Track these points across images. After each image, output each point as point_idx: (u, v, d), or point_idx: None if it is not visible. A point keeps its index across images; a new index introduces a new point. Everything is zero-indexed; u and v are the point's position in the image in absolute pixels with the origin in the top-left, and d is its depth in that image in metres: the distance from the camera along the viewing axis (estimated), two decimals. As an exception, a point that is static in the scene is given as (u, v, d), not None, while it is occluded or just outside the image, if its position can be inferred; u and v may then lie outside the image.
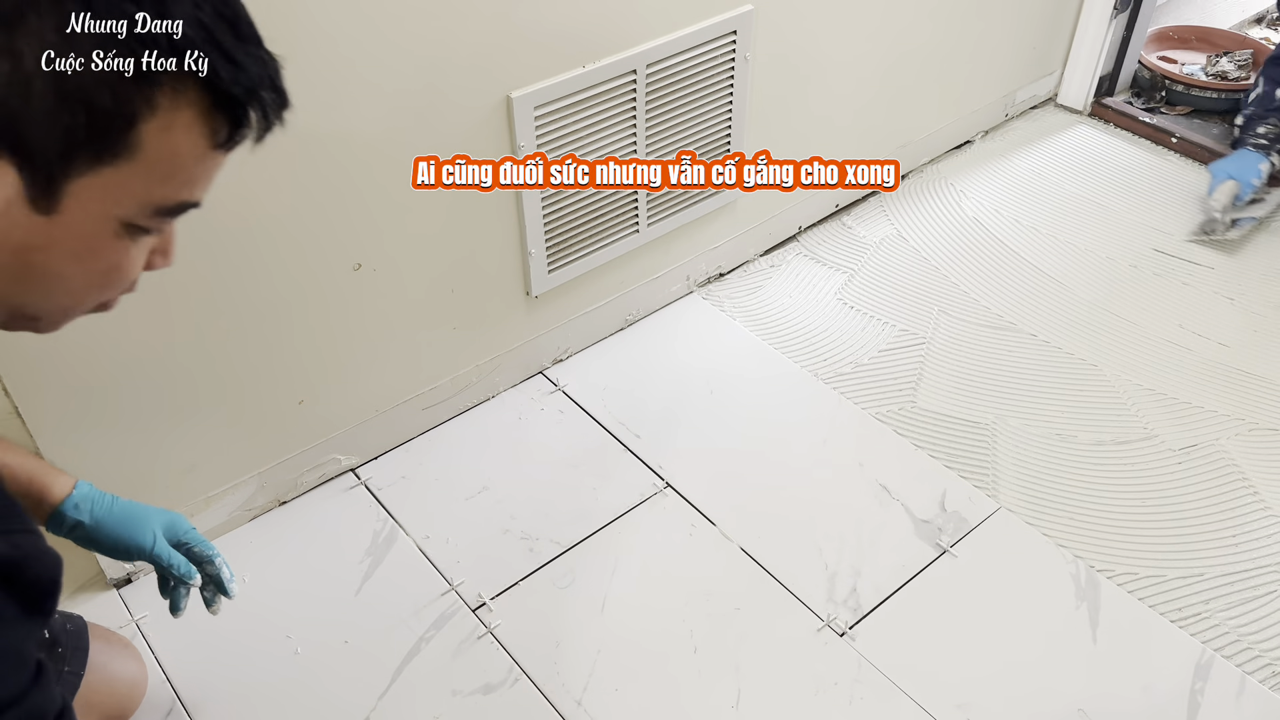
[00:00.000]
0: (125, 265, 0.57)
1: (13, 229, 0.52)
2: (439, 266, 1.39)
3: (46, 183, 0.51)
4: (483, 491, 1.44)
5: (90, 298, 0.59)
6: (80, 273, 0.56)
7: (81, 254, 0.54)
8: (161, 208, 0.55)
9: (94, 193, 0.52)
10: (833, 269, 1.84)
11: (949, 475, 1.47)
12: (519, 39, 1.27)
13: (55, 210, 0.52)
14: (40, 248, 0.53)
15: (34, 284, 0.55)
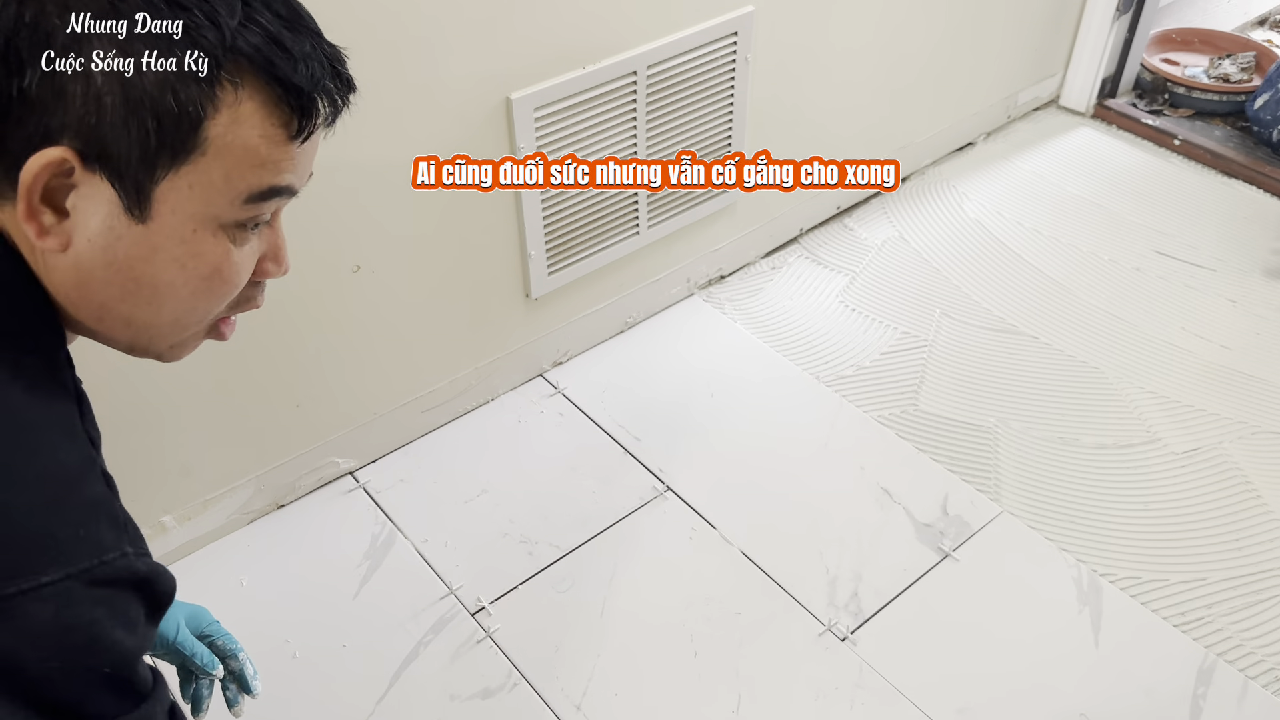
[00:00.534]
0: (227, 269, 0.59)
1: (117, 242, 0.55)
2: (438, 268, 1.38)
3: (136, 191, 0.54)
4: (482, 495, 1.44)
5: (199, 307, 0.60)
6: (184, 280, 0.58)
7: (183, 258, 0.57)
8: (250, 195, 0.57)
9: (181, 194, 0.55)
10: (834, 271, 1.84)
11: (951, 479, 1.46)
12: (519, 40, 1.26)
13: (150, 216, 0.55)
14: (144, 257, 0.56)
15: (144, 297, 0.58)
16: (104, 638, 0.52)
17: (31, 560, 0.49)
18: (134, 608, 0.54)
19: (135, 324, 0.60)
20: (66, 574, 0.50)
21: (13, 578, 0.49)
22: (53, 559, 0.50)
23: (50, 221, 0.54)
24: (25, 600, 0.49)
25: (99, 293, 0.58)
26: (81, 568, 0.51)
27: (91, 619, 0.51)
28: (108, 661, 0.53)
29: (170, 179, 0.55)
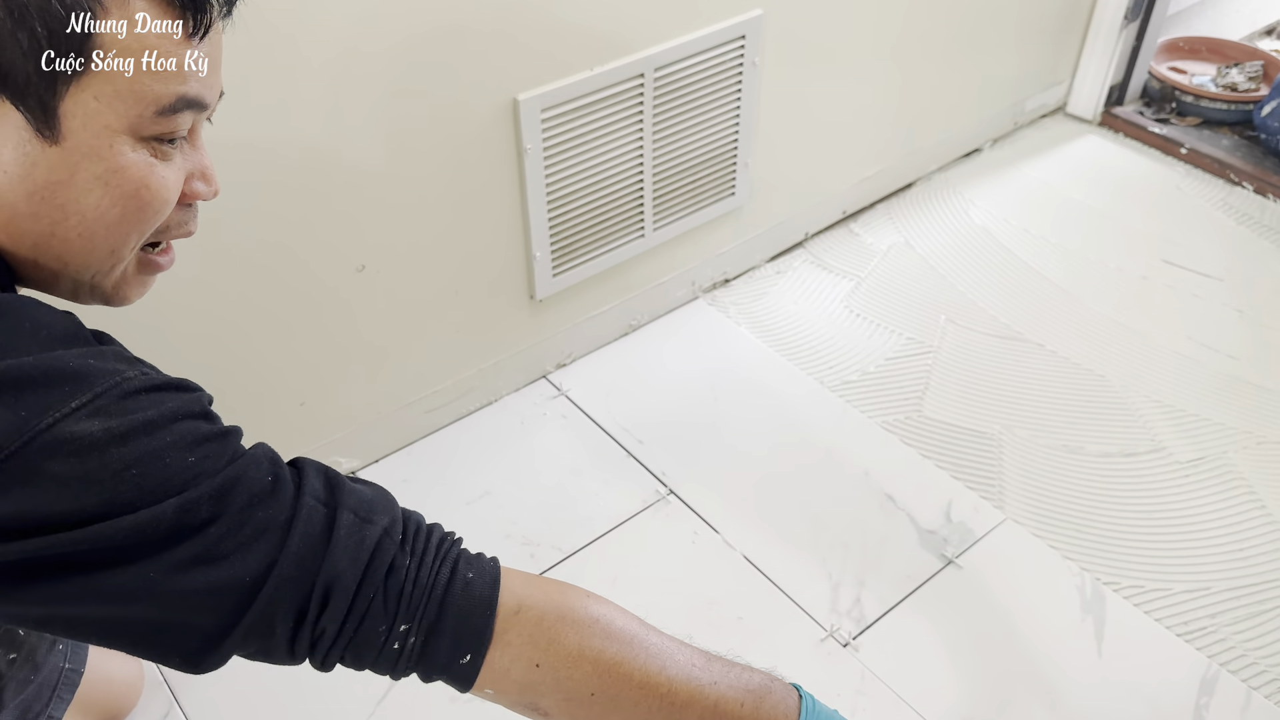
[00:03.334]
0: (154, 183, 0.57)
1: (34, 168, 0.53)
2: (443, 269, 1.38)
3: (42, 109, 0.52)
4: (484, 496, 1.43)
5: (131, 230, 0.58)
6: (110, 199, 0.56)
7: (105, 176, 0.55)
8: (160, 106, 0.55)
9: (89, 105, 0.53)
10: (840, 276, 1.83)
11: (955, 485, 1.46)
12: (526, 41, 1.26)
13: (62, 135, 0.53)
14: (64, 181, 0.54)
15: (73, 226, 0.56)
16: (160, 420, 0.53)
17: (55, 393, 0.50)
18: (177, 399, 0.55)
19: (70, 258, 0.58)
20: (94, 394, 0.51)
21: (45, 411, 0.49)
22: (74, 388, 0.50)
23: None
24: (67, 424, 0.49)
25: (28, 228, 0.56)
26: (107, 386, 0.51)
27: (140, 420, 0.52)
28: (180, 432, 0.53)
29: (74, 92, 0.53)
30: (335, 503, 0.59)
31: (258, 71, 1.07)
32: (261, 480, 0.56)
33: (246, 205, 1.15)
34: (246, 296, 1.21)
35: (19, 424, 0.49)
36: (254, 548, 0.54)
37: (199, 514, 0.53)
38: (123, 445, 0.51)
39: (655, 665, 0.64)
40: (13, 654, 0.90)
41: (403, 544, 0.60)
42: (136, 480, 0.51)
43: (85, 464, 0.49)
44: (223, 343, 1.22)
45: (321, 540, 0.57)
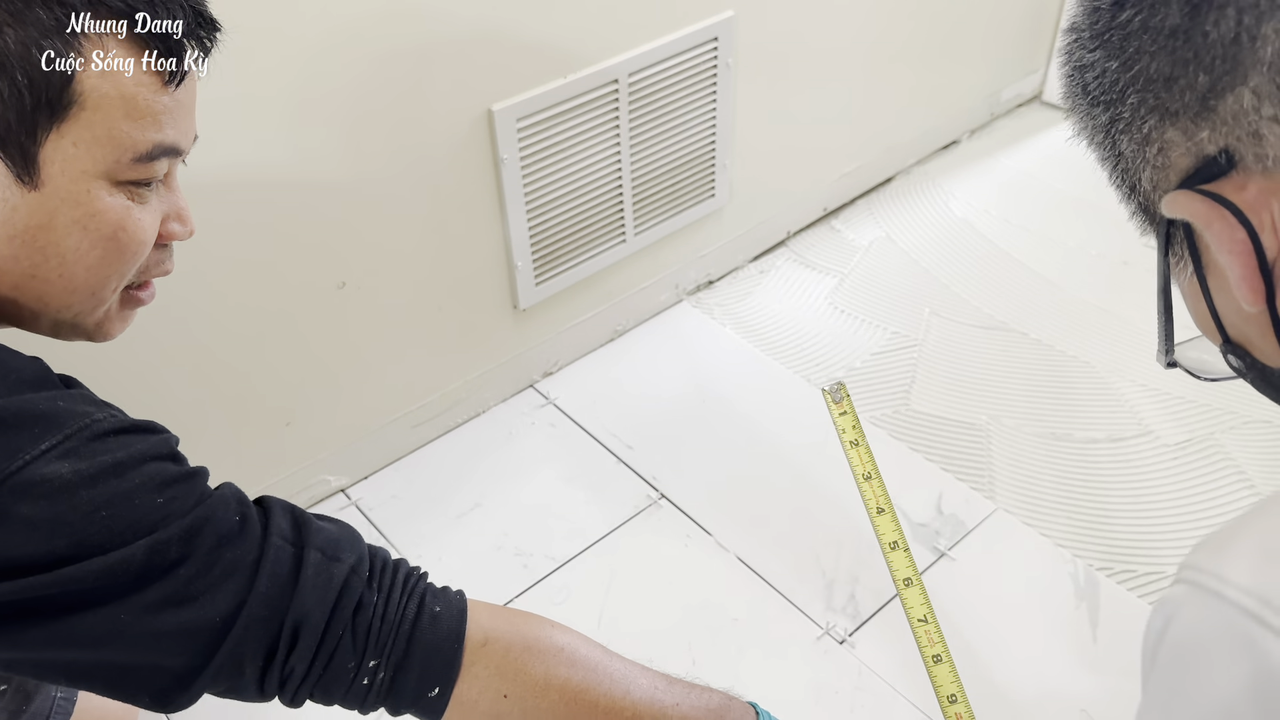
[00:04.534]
0: (130, 226, 0.58)
1: (13, 214, 0.54)
2: (424, 282, 1.38)
3: (21, 155, 0.53)
4: (475, 509, 1.43)
5: (111, 272, 0.59)
6: (89, 243, 0.57)
7: (83, 220, 0.56)
8: (138, 153, 0.56)
9: (67, 153, 0.54)
10: (823, 273, 1.84)
11: (945, 478, 1.46)
12: (499, 51, 1.26)
13: (41, 181, 0.54)
14: (43, 225, 0.55)
15: (53, 268, 0.56)
16: (129, 462, 0.53)
17: (24, 435, 0.50)
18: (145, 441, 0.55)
19: (50, 299, 0.58)
20: (64, 436, 0.51)
21: (15, 454, 0.49)
22: (44, 429, 0.51)
23: None
24: (37, 466, 0.49)
25: (7, 269, 0.56)
26: (77, 427, 0.51)
27: (110, 462, 0.52)
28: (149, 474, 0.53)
29: (54, 139, 0.53)
30: (302, 542, 0.59)
31: (227, 93, 1.07)
32: (229, 520, 0.56)
33: (225, 225, 1.14)
34: (227, 317, 1.21)
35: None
36: (223, 588, 0.55)
37: (168, 555, 0.53)
38: (92, 487, 0.51)
39: (620, 690, 0.66)
40: (3, 685, 0.89)
41: (370, 581, 0.61)
42: (106, 522, 0.51)
43: (55, 506, 0.49)
44: (206, 364, 1.22)
45: (289, 580, 0.57)
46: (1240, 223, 0.42)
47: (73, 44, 0.52)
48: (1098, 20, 0.45)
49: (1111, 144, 0.48)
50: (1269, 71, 0.39)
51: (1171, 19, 0.41)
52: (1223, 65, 0.40)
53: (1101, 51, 0.45)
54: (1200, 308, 0.49)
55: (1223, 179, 0.42)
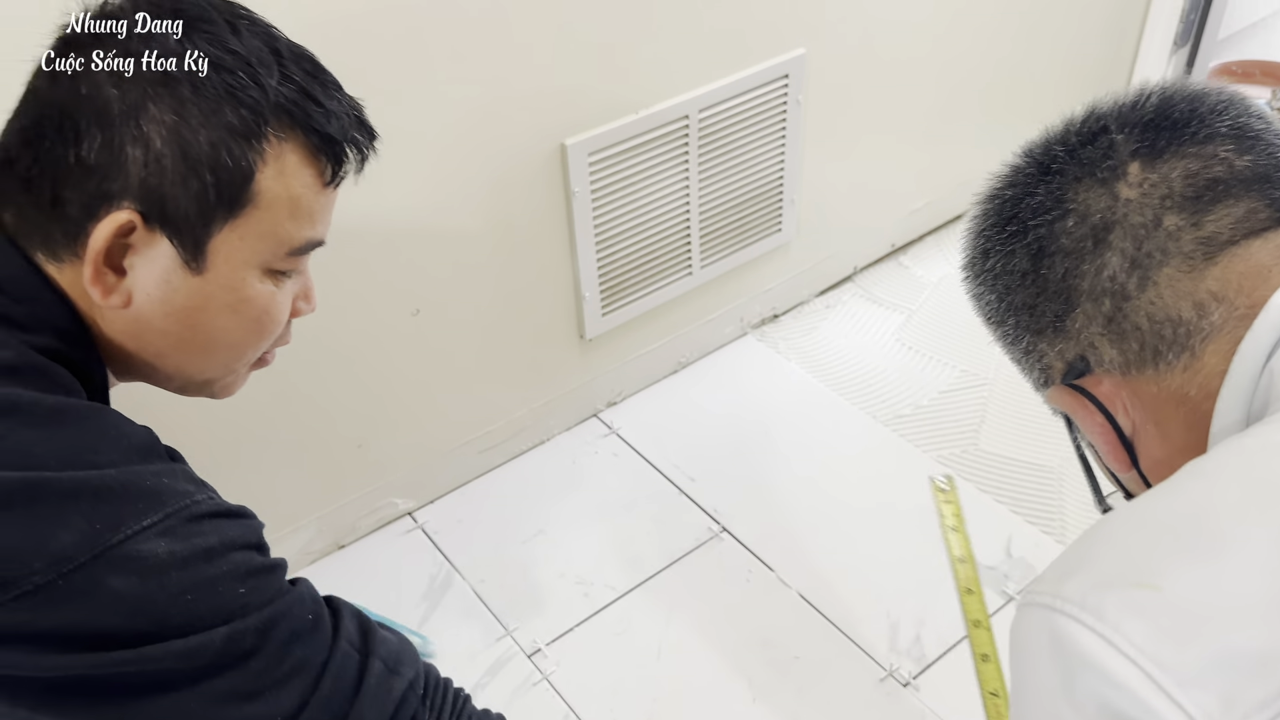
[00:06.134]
0: (274, 310, 0.63)
1: (175, 294, 0.58)
2: (495, 311, 1.40)
3: (194, 245, 0.57)
4: (538, 535, 1.44)
5: (249, 348, 0.64)
6: (237, 324, 0.61)
7: (235, 305, 0.60)
8: (293, 248, 0.61)
9: (234, 244, 0.58)
10: (890, 309, 1.82)
11: (1014, 520, 1.43)
12: (573, 88, 1.29)
13: (205, 268, 0.58)
14: (200, 306, 0.59)
15: (199, 344, 0.61)
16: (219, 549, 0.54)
17: (129, 509, 0.52)
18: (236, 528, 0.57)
19: (189, 368, 0.63)
20: (165, 514, 0.52)
21: (116, 527, 0.51)
22: (148, 505, 0.52)
23: (112, 281, 0.57)
24: (135, 542, 0.51)
25: (156, 342, 0.60)
26: (176, 508, 0.53)
27: (202, 546, 0.54)
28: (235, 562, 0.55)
29: (225, 232, 0.58)
30: (368, 650, 0.60)
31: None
32: (303, 618, 0.58)
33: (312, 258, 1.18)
34: (306, 344, 1.24)
35: (92, 537, 0.50)
36: (289, 685, 0.56)
37: (243, 645, 0.54)
38: (183, 569, 0.52)
39: None
40: None
41: (424, 698, 0.63)
42: (190, 605, 0.52)
43: (146, 584, 0.51)
44: (285, 387, 1.25)
45: (352, 687, 0.58)
46: (1099, 410, 0.54)
47: (256, 147, 0.56)
48: (974, 264, 0.60)
49: (1009, 352, 0.61)
50: (1090, 299, 0.53)
51: (1021, 265, 0.56)
52: (1060, 297, 0.54)
53: (983, 287, 0.59)
54: (1101, 469, 0.60)
55: (1086, 376, 0.55)
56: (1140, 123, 0.54)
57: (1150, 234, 0.51)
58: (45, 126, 0.56)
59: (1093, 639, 0.41)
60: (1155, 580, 0.41)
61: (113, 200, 0.55)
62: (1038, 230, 0.55)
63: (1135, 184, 0.52)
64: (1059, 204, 0.54)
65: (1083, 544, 0.46)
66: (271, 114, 0.57)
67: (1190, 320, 0.50)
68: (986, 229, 0.58)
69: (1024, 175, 0.57)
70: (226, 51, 0.56)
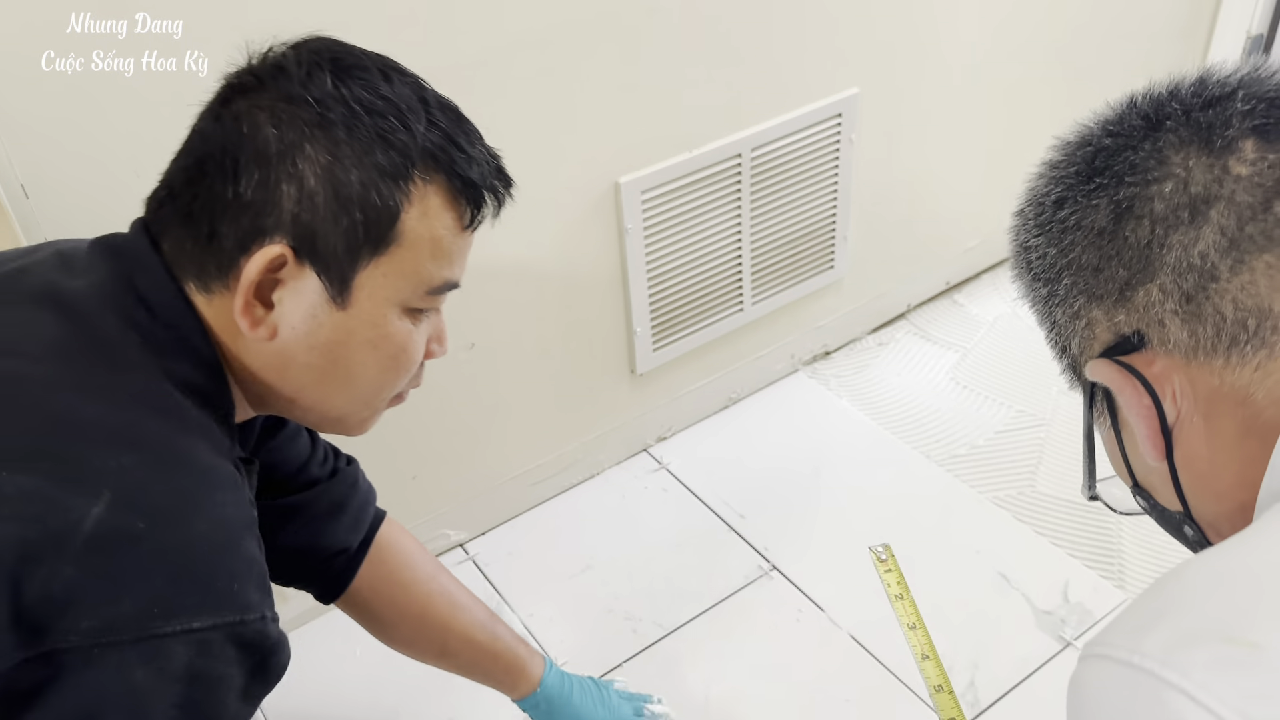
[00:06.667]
0: (411, 348, 0.65)
1: (319, 328, 0.61)
2: (548, 345, 1.42)
3: (340, 280, 0.60)
4: (587, 570, 1.44)
5: (387, 385, 0.66)
6: (375, 359, 0.63)
7: (376, 341, 0.63)
8: (432, 287, 0.64)
9: (377, 282, 0.61)
10: (944, 347, 1.80)
11: (1072, 564, 1.39)
12: (627, 127, 1.31)
13: (349, 304, 0.61)
14: (342, 341, 0.62)
15: (339, 378, 0.63)
16: (221, 697, 0.55)
17: (189, 601, 0.52)
18: (257, 681, 0.57)
19: (328, 402, 0.65)
20: (214, 624, 0.53)
21: (169, 617, 0.51)
22: (206, 605, 0.53)
23: (261, 314, 0.60)
24: (174, 641, 0.51)
25: (297, 375, 0.63)
26: (228, 620, 0.53)
27: (220, 675, 0.54)
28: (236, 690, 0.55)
29: (369, 268, 0.60)
30: None
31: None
32: None
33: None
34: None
35: (146, 617, 0.50)
36: None
37: None
38: (189, 686, 0.52)
39: None
40: None
41: None
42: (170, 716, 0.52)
43: (160, 684, 0.51)
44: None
45: None
46: (1147, 391, 0.50)
47: (403, 188, 0.59)
48: (1041, 212, 0.55)
49: (1048, 313, 0.57)
50: (1172, 273, 0.49)
51: (1100, 221, 0.51)
52: (1138, 264, 0.50)
53: (1043, 238, 0.55)
54: (1115, 455, 0.57)
55: (1136, 353, 0.51)
56: (1267, 97, 0.50)
57: (1256, 216, 0.47)
58: (207, 164, 0.59)
59: (1180, 699, 0.37)
60: (1249, 636, 0.38)
61: (266, 235, 0.58)
62: (1131, 188, 0.50)
63: (1250, 161, 0.48)
64: (1162, 164, 0.50)
65: (1158, 595, 0.43)
66: (419, 157, 0.60)
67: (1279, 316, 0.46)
68: (1068, 175, 0.54)
69: (1128, 126, 0.53)
70: (379, 97, 0.59)
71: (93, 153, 0.96)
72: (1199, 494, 0.52)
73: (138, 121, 0.96)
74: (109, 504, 0.51)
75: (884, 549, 1.42)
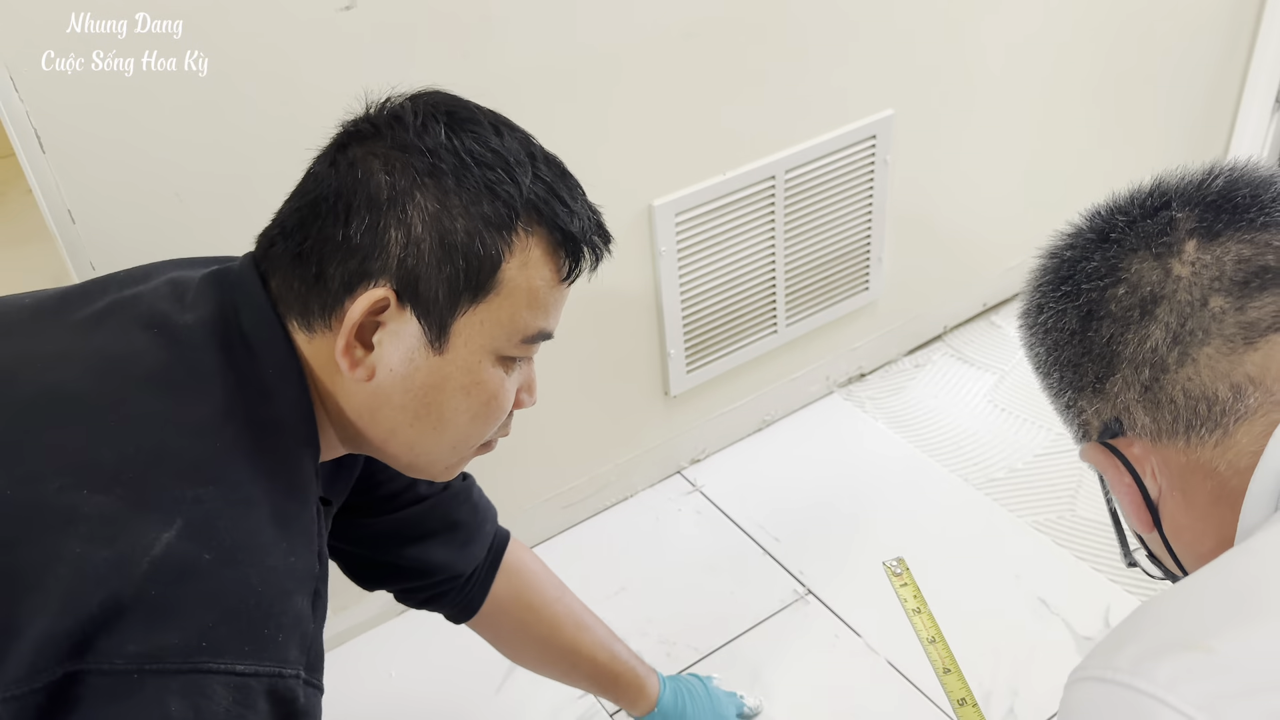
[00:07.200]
0: (502, 396, 0.66)
1: (416, 371, 0.62)
2: (581, 367, 1.42)
3: (439, 326, 0.61)
4: (620, 593, 1.44)
5: (475, 432, 0.67)
6: (467, 406, 0.64)
7: (469, 387, 0.63)
8: (526, 336, 0.64)
9: (474, 329, 0.62)
10: (982, 369, 1.79)
11: (1113, 590, 1.37)
12: (660, 150, 1.32)
13: (446, 349, 0.62)
14: (436, 385, 0.63)
15: (431, 422, 0.64)
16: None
17: (239, 645, 0.52)
18: None
19: (418, 446, 0.66)
20: (256, 672, 0.52)
21: (217, 654, 0.51)
22: (253, 651, 0.52)
23: (360, 355, 0.61)
24: (217, 680, 0.51)
25: (391, 417, 0.64)
26: (268, 671, 0.53)
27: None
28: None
29: (468, 315, 0.61)
30: None
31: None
32: None
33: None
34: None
35: (194, 650, 0.50)
36: None
37: None
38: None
39: None
40: None
41: None
42: None
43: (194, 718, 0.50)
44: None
45: None
46: (1128, 470, 0.57)
47: (505, 238, 0.61)
48: (1029, 316, 0.63)
49: (1052, 404, 0.64)
50: (1130, 367, 0.55)
51: (1070, 324, 0.58)
52: (1103, 359, 0.57)
53: (1035, 338, 0.62)
54: (1129, 528, 0.62)
55: (1121, 436, 0.57)
56: (1203, 202, 0.56)
57: (1195, 312, 0.53)
58: (320, 206, 0.61)
59: (1149, 703, 0.41)
60: (1206, 642, 0.42)
61: (371, 278, 0.59)
62: (1089, 294, 0.57)
63: (1189, 262, 0.54)
64: (1113, 271, 0.57)
65: (1131, 620, 0.47)
66: (523, 209, 0.61)
67: (1226, 400, 0.52)
68: (1043, 284, 0.61)
69: (1084, 239, 0.60)
70: (489, 150, 0.61)
71: (135, 179, 0.98)
72: (1189, 560, 0.57)
73: (179, 149, 0.99)
74: (180, 531, 0.52)
75: (897, 562, 1.41)
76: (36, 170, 0.93)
